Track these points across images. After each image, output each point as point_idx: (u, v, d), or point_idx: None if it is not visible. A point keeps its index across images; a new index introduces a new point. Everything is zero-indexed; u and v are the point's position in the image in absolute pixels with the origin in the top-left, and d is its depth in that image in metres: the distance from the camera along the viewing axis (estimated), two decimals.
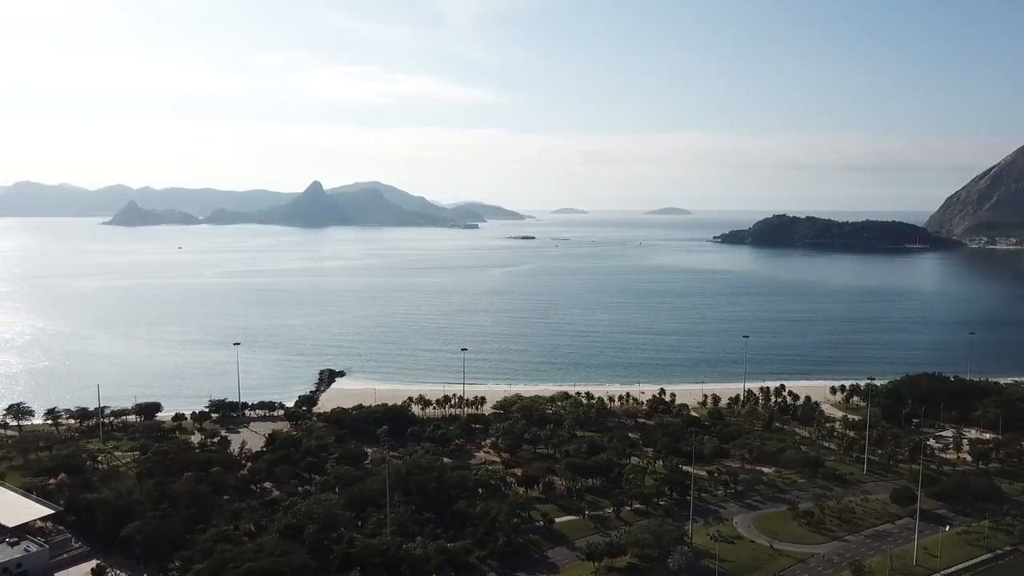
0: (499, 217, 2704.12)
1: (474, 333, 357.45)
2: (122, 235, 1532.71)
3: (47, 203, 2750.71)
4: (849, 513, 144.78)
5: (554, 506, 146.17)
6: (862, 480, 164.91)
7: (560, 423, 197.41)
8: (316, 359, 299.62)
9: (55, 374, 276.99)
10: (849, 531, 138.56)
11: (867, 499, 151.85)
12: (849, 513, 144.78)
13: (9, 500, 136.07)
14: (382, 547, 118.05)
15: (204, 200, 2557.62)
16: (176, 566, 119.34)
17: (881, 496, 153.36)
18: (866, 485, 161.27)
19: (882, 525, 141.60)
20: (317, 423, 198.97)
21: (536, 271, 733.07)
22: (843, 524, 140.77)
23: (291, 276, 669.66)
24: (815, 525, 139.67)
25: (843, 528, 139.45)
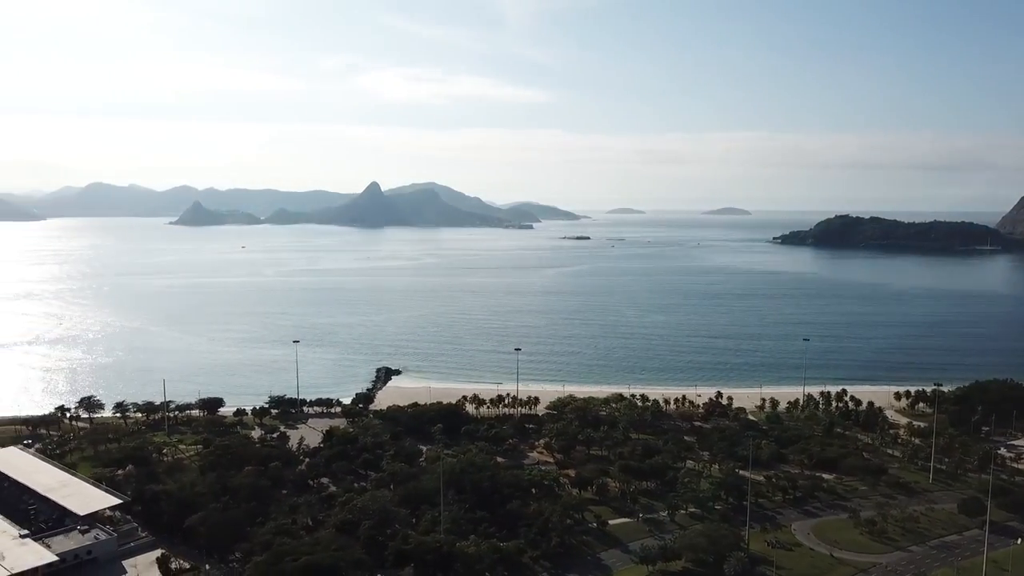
0: (554, 217, 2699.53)
1: (528, 333, 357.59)
2: (188, 235, 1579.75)
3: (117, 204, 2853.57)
4: (913, 523, 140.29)
5: (608, 508, 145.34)
6: (928, 489, 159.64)
7: (614, 425, 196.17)
8: (373, 357, 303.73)
9: (124, 369, 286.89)
10: (913, 541, 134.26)
11: (933, 509, 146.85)
12: (913, 523, 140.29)
13: (81, 490, 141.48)
14: (436, 544, 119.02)
15: (266, 200, 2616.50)
16: (237, 557, 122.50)
17: (948, 506, 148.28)
18: (932, 494, 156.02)
19: (949, 536, 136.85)
20: (373, 420, 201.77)
21: (591, 272, 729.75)
22: (907, 534, 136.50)
23: (349, 276, 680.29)
24: (877, 534, 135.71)
25: (907, 538, 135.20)
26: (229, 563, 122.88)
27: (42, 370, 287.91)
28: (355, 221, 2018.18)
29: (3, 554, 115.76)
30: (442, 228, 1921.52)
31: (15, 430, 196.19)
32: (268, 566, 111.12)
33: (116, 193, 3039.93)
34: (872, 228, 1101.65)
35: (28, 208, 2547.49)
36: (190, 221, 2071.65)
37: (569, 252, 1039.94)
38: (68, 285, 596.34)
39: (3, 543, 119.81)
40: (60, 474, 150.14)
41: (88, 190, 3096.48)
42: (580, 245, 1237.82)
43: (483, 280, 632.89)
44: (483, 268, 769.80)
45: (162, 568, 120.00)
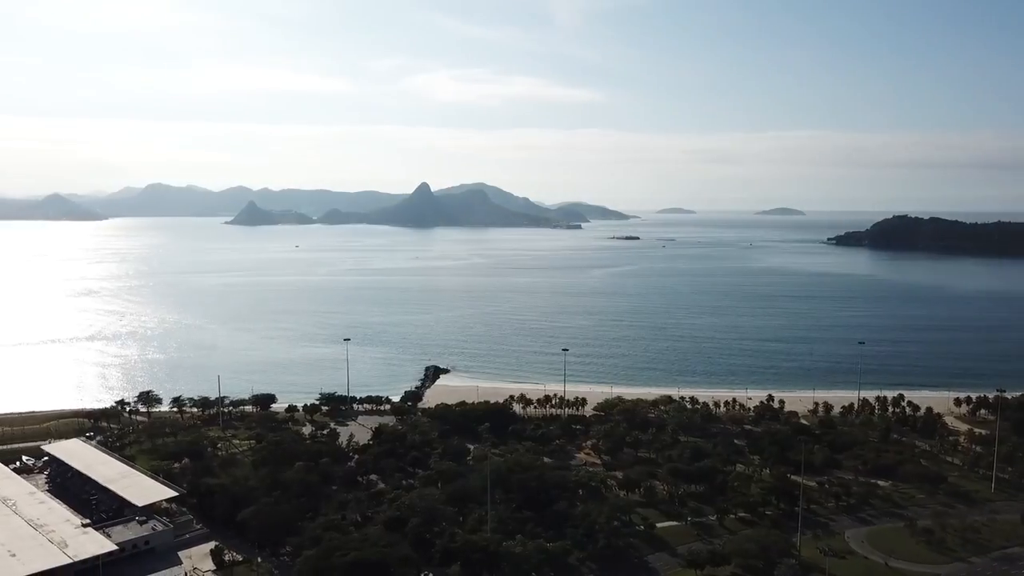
0: (603, 217, 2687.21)
1: (576, 334, 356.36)
2: (242, 234, 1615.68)
3: (175, 204, 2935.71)
4: (974, 533, 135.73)
5: (655, 511, 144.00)
6: (989, 499, 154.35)
7: (663, 427, 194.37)
8: (421, 356, 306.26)
9: (180, 365, 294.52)
10: (974, 552, 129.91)
11: (995, 519, 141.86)
12: (974, 533, 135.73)
13: (139, 481, 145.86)
14: (482, 543, 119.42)
15: (318, 201, 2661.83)
16: (287, 551, 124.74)
17: (1011, 517, 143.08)
18: (994, 504, 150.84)
19: (1011, 548, 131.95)
20: (421, 418, 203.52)
21: (640, 272, 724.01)
22: (967, 544, 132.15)
23: (399, 275, 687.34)
24: (935, 544, 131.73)
25: (967, 549, 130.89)
26: (280, 556, 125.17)
27: (103, 365, 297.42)
28: (405, 221, 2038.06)
29: (66, 542, 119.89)
30: (491, 228, 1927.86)
31: (78, 423, 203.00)
32: (318, 560, 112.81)
33: (174, 194, 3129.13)
34: (932, 229, 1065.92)
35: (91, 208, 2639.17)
36: (245, 221, 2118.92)
37: (618, 252, 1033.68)
38: (128, 283, 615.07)
39: (67, 531, 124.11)
40: (120, 466, 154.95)
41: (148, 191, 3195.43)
42: (629, 245, 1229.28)
43: (531, 280, 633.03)
44: (531, 268, 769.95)
45: (216, 560, 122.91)
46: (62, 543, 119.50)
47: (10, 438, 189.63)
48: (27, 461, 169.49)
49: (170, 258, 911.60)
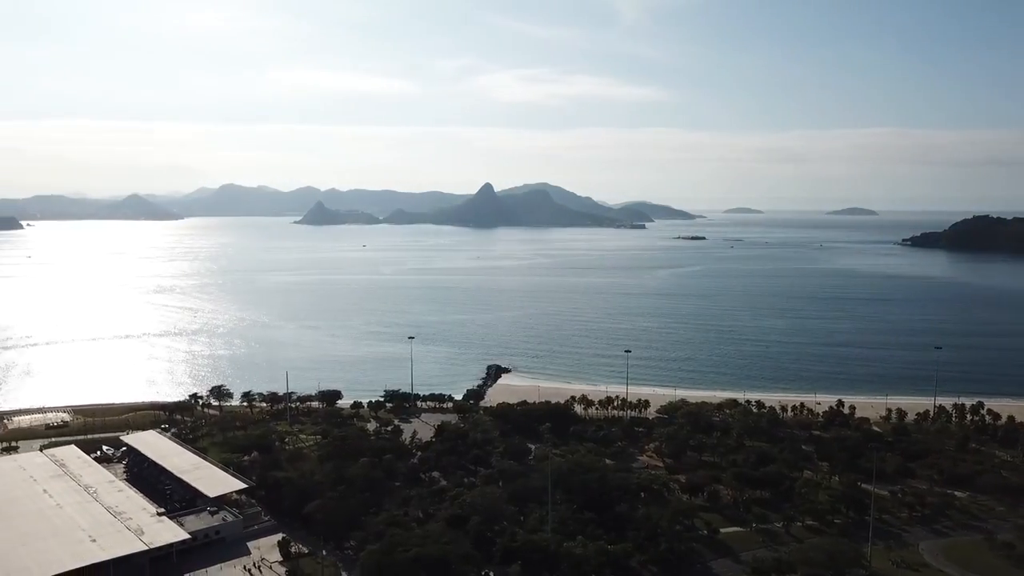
0: (667, 217, 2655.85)
1: (639, 335, 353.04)
2: (311, 233, 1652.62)
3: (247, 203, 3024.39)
4: None
5: (719, 516, 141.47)
6: None
7: (727, 431, 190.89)
8: (483, 355, 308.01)
9: (251, 360, 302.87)
10: None
11: None
12: None
13: (211, 473, 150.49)
14: (543, 543, 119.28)
15: (384, 201, 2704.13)
16: (351, 545, 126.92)
17: None
18: None
19: None
20: (483, 417, 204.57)
21: (705, 273, 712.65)
22: None
23: (462, 275, 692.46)
24: (1016, 559, 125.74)
25: None
26: (344, 550, 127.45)
27: (178, 360, 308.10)
28: (468, 221, 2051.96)
29: (143, 529, 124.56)
30: (553, 228, 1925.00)
31: (154, 415, 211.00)
32: (381, 555, 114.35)
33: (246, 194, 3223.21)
34: (1015, 229, 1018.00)
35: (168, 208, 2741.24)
36: (313, 220, 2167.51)
37: (683, 253, 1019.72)
38: (201, 280, 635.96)
39: (143, 519, 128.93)
40: (193, 457, 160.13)
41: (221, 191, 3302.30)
42: (695, 245, 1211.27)
43: (593, 281, 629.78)
44: (594, 268, 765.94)
45: (283, 551, 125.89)
46: (139, 530, 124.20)
47: (91, 429, 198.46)
48: (107, 451, 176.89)
49: (241, 257, 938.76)
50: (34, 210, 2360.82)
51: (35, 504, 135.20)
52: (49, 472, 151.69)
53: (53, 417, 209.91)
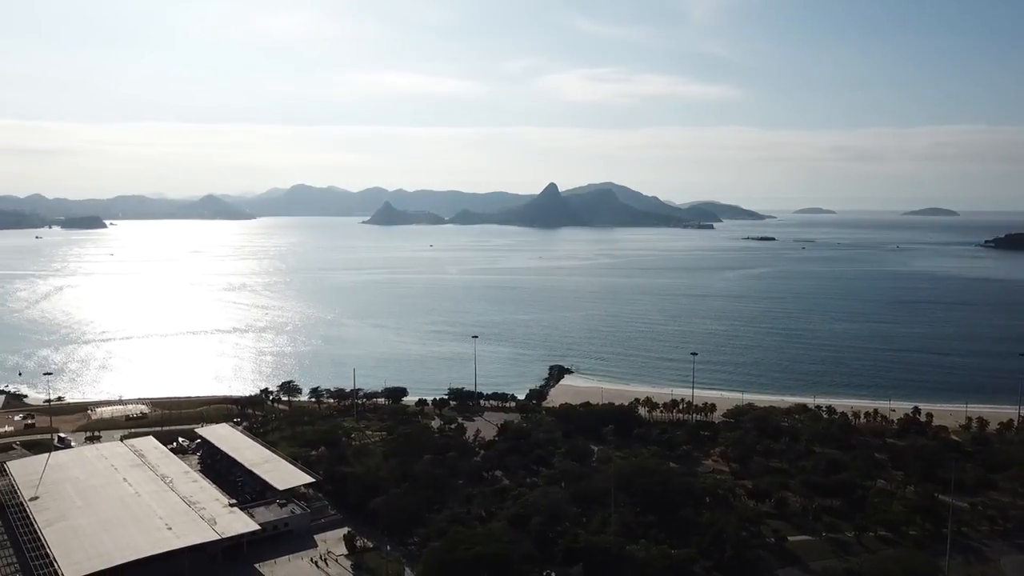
0: (736, 217, 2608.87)
1: (705, 338, 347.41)
2: (378, 233, 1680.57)
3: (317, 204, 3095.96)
4: None
5: (787, 523, 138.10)
6: None
7: (796, 437, 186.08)
8: (546, 355, 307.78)
9: (319, 357, 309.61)
10: None
11: None
12: None
13: (280, 466, 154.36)
14: (605, 546, 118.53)
15: (450, 201, 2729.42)
16: (415, 541, 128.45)
17: None
18: None
19: None
20: (546, 417, 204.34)
21: (775, 274, 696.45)
22: None
23: (525, 275, 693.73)
24: None
25: None
26: (408, 546, 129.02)
27: (250, 355, 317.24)
28: (533, 221, 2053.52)
29: (215, 519, 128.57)
30: (618, 228, 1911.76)
31: (226, 409, 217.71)
32: (444, 552, 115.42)
33: (316, 194, 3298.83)
34: None
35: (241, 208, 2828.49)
36: (380, 220, 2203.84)
37: (752, 253, 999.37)
38: (272, 278, 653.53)
39: (215, 509, 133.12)
40: (263, 451, 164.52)
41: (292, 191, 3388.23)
42: (764, 246, 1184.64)
43: (659, 281, 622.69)
44: (659, 269, 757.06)
45: (348, 545, 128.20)
46: (212, 520, 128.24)
47: (168, 421, 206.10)
48: (182, 442, 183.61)
49: (310, 256, 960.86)
50: (117, 210, 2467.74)
51: (116, 491, 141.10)
52: (129, 461, 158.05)
53: (133, 409, 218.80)
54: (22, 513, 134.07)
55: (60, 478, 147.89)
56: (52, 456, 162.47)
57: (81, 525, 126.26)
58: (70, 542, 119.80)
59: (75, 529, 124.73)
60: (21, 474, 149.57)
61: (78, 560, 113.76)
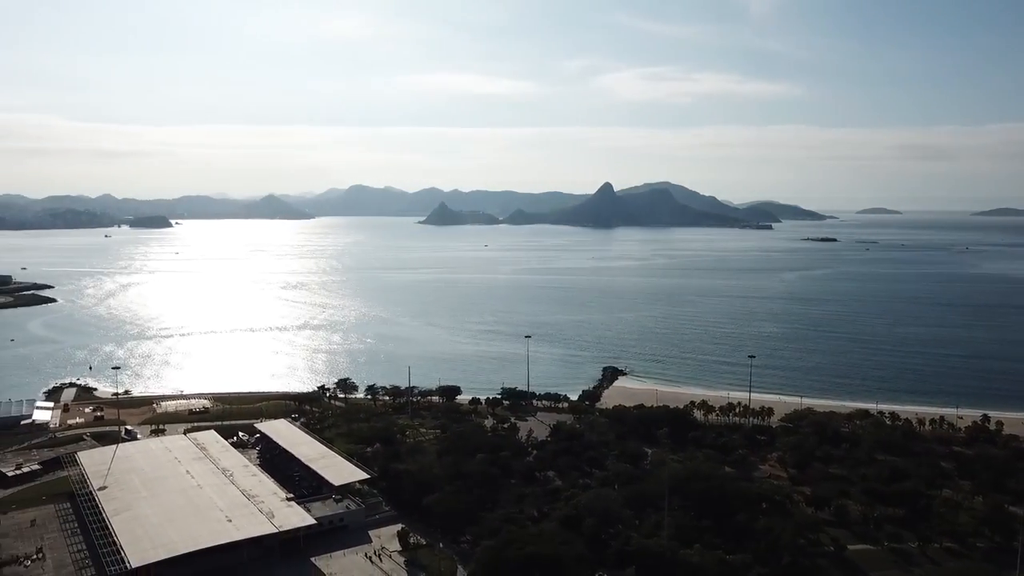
0: (795, 217, 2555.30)
1: (763, 340, 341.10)
2: (433, 233, 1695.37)
3: (374, 204, 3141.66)
4: None
5: (847, 532, 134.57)
6: None
7: (857, 443, 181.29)
8: (599, 356, 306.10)
9: (375, 355, 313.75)
10: None
11: None
12: None
13: (336, 462, 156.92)
14: (658, 549, 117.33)
15: (504, 201, 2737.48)
16: (467, 539, 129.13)
17: None
18: None
19: None
20: (599, 418, 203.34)
21: (836, 276, 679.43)
22: None
23: (579, 275, 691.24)
24: None
25: None
26: (460, 544, 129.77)
27: (308, 352, 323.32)
28: (587, 221, 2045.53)
29: (273, 513, 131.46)
30: (674, 228, 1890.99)
31: (284, 405, 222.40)
32: (496, 551, 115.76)
33: (373, 194, 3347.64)
34: None
35: (301, 208, 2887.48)
36: (436, 221, 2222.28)
37: (812, 255, 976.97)
38: (330, 277, 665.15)
39: (273, 503, 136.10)
40: (319, 447, 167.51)
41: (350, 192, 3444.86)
42: (825, 247, 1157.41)
43: (715, 283, 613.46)
44: (715, 270, 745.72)
45: (402, 541, 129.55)
46: (270, 513, 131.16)
47: (229, 415, 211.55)
48: (242, 437, 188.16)
49: (367, 255, 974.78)
50: (182, 209, 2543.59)
51: (179, 483, 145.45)
52: (191, 454, 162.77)
53: (195, 403, 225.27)
54: (91, 502, 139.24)
55: (127, 469, 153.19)
56: (119, 448, 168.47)
57: (146, 515, 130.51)
58: (135, 531, 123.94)
59: (140, 518, 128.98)
60: (90, 464, 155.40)
61: (143, 548, 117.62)
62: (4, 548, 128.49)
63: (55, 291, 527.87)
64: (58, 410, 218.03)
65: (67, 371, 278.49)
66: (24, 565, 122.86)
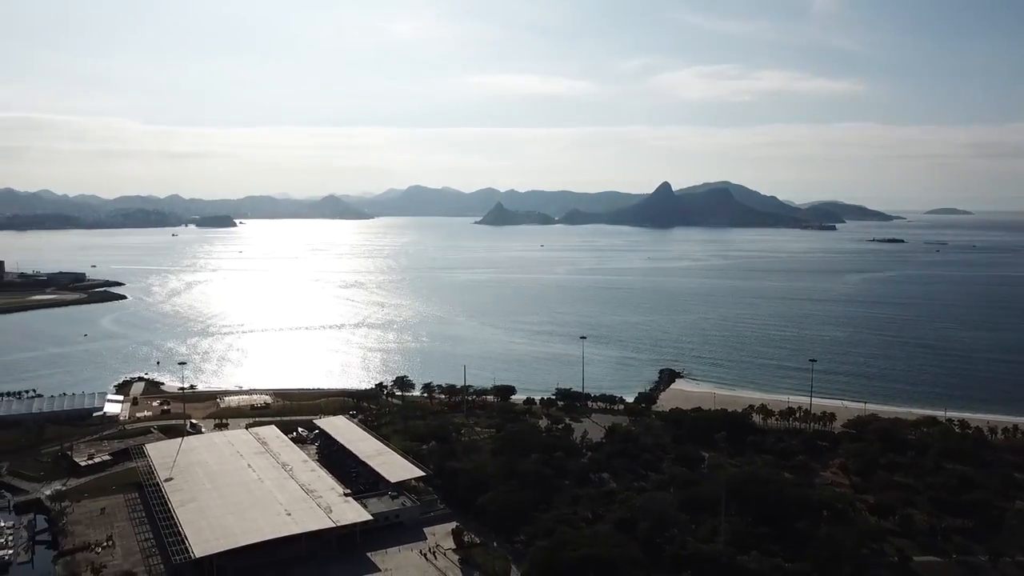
0: (860, 218, 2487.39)
1: (825, 344, 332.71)
2: (489, 233, 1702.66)
3: (432, 204, 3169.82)
4: None
5: (912, 542, 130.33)
6: None
7: (924, 451, 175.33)
8: (656, 358, 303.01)
9: (431, 353, 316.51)
10: None
11: None
12: None
13: (392, 459, 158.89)
14: (715, 554, 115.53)
15: (560, 201, 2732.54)
16: (521, 539, 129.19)
17: None
18: None
19: None
20: (655, 421, 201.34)
21: (903, 279, 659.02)
22: None
23: (636, 275, 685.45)
24: None
25: None
26: (514, 543, 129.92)
27: (366, 350, 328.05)
28: (644, 221, 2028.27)
29: (331, 508, 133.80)
30: (734, 229, 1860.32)
31: (343, 401, 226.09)
32: (550, 552, 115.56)
33: (431, 195, 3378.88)
34: None
35: (360, 208, 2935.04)
36: (492, 221, 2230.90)
37: (878, 256, 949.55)
38: (388, 276, 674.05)
39: (331, 498, 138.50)
40: (376, 443, 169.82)
41: (408, 192, 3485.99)
42: (892, 249, 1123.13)
43: (775, 284, 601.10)
44: (776, 271, 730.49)
45: (456, 539, 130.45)
46: (328, 508, 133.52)
47: (289, 411, 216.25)
48: (302, 432, 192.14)
49: (424, 254, 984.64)
50: (246, 209, 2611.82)
51: (241, 476, 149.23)
52: (253, 448, 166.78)
53: (257, 399, 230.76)
54: (158, 492, 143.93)
55: (191, 461, 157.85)
56: (185, 441, 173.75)
57: (209, 506, 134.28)
58: (199, 522, 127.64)
59: (204, 510, 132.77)
60: (157, 456, 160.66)
61: (206, 539, 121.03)
62: (77, 535, 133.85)
63: (125, 288, 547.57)
64: (127, 403, 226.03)
65: (136, 366, 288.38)
66: (96, 552, 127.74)
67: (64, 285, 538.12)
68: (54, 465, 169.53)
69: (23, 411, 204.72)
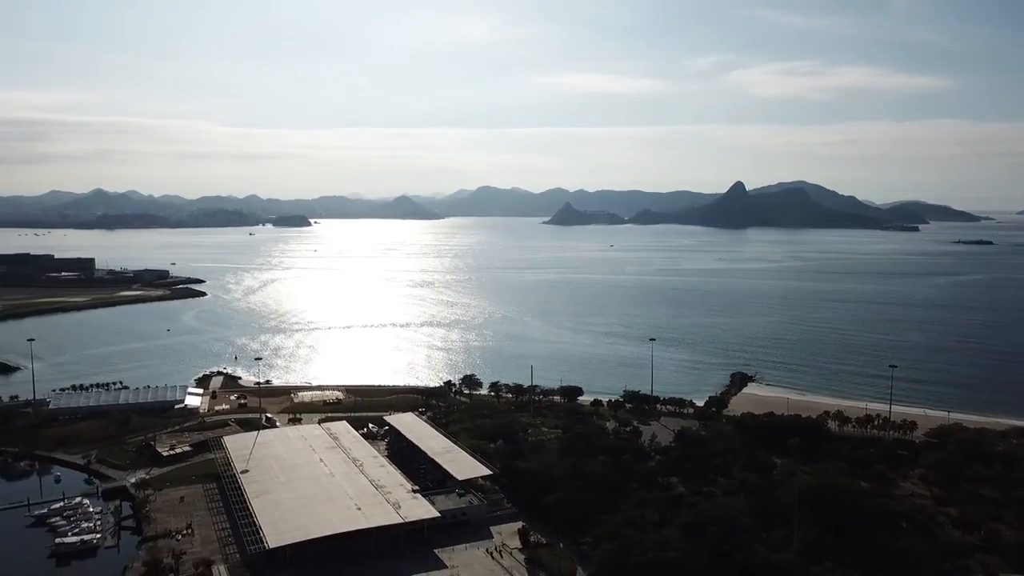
0: (944, 218, 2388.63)
1: (906, 350, 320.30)
2: (558, 233, 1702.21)
3: (501, 204, 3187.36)
4: None
5: (999, 559, 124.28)
6: None
7: (1013, 463, 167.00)
8: (727, 361, 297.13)
9: (498, 352, 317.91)
10: None
11: None
12: None
13: (459, 457, 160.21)
14: (785, 564, 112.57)
15: (630, 201, 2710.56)
16: (587, 541, 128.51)
17: None
18: None
19: None
20: (726, 426, 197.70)
21: (991, 282, 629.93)
22: None
23: (707, 276, 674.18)
24: None
25: None
26: (580, 545, 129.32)
27: (435, 348, 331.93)
28: (716, 222, 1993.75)
29: (400, 504, 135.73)
30: (809, 229, 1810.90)
31: (412, 399, 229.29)
32: (616, 555, 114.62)
33: (500, 195, 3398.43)
34: None
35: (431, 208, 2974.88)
36: (561, 221, 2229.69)
37: (964, 258, 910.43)
38: (458, 276, 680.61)
39: (400, 494, 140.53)
40: (444, 441, 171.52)
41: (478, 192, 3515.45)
42: (979, 251, 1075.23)
43: (853, 287, 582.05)
44: (854, 273, 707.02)
45: (522, 539, 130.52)
46: (396, 504, 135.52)
47: (360, 407, 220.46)
48: (372, 428, 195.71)
49: (493, 254, 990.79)
50: (320, 209, 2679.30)
51: (313, 470, 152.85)
52: (325, 443, 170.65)
53: (329, 395, 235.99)
54: (234, 484, 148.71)
55: (266, 454, 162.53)
56: (260, 434, 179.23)
57: (283, 499, 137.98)
58: (273, 513, 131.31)
59: (277, 502, 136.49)
60: (234, 448, 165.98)
61: (280, 531, 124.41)
62: (159, 522, 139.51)
63: (205, 285, 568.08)
64: (207, 396, 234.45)
65: (214, 360, 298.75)
66: (176, 539, 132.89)
67: (149, 282, 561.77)
68: (138, 454, 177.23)
69: (111, 402, 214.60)
